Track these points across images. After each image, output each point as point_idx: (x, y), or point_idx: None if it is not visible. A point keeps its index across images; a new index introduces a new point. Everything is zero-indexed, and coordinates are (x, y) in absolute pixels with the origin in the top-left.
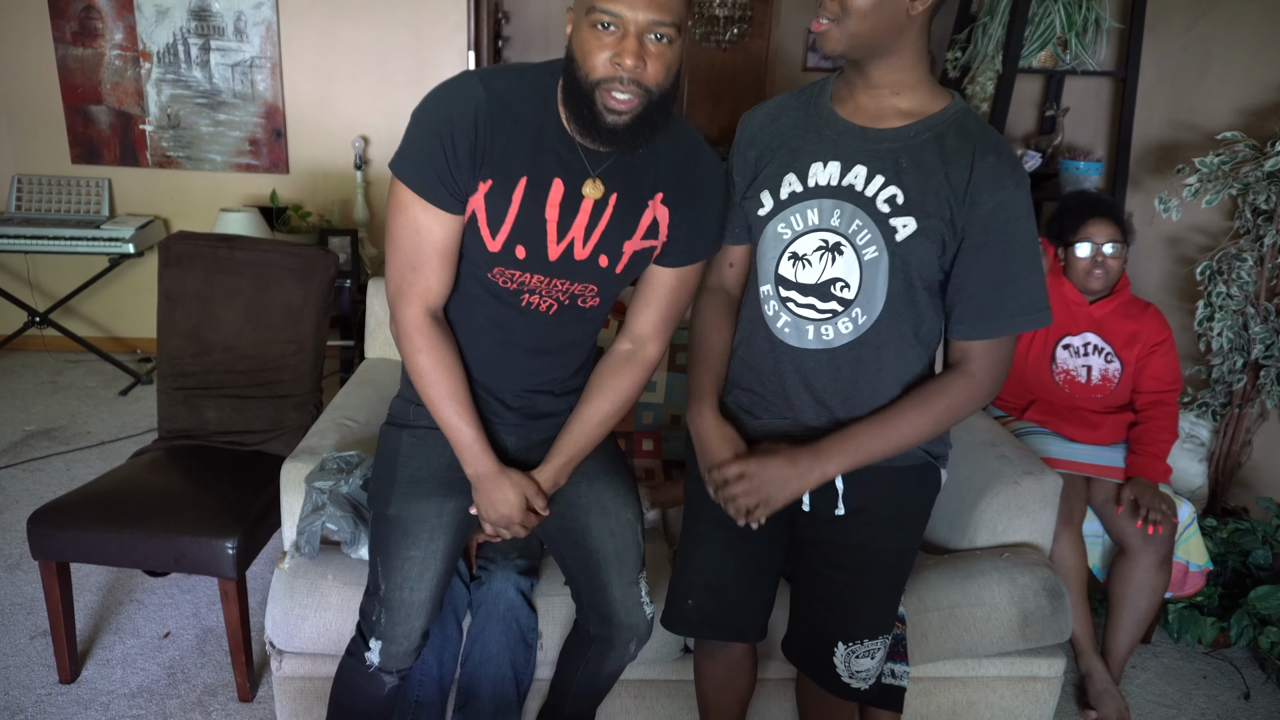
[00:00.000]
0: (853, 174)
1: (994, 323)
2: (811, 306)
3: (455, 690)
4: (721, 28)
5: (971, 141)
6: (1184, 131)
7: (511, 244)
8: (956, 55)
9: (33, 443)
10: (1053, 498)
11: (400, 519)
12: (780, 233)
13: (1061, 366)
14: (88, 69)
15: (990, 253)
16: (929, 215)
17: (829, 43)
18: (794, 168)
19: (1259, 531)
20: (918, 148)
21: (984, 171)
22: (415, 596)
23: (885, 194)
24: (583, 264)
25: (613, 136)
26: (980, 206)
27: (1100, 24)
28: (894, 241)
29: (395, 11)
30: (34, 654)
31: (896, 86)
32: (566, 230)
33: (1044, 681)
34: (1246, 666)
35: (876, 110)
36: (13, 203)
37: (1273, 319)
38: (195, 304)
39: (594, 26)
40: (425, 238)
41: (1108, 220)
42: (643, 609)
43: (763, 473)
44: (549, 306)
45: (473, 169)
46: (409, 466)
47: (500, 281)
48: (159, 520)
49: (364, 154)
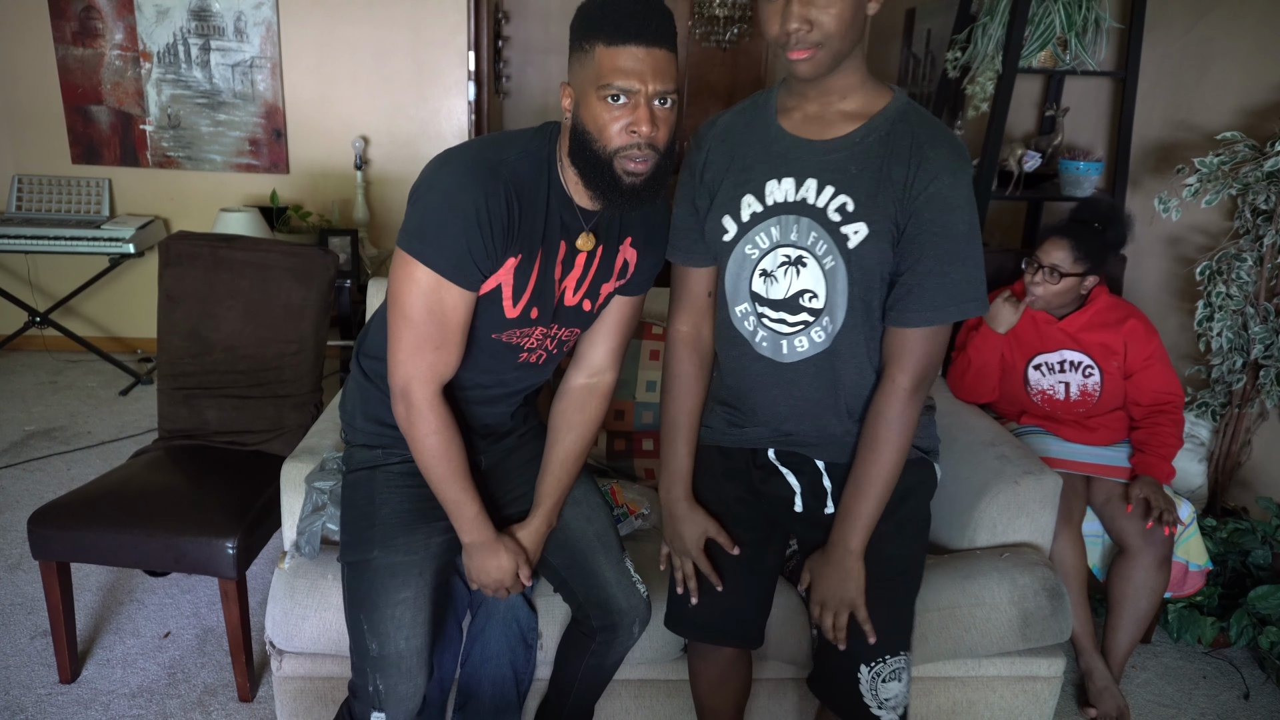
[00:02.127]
0: (805, 187)
1: (922, 311)
2: (783, 321)
3: (455, 690)
4: (721, 28)
5: (911, 136)
6: (1184, 131)
7: (529, 308)
8: (956, 55)
9: (33, 443)
10: (1053, 498)
11: (385, 562)
12: (748, 253)
13: (1036, 387)
14: (88, 69)
15: (924, 242)
16: (878, 218)
17: (814, 68)
18: (750, 188)
19: (1259, 531)
20: (864, 151)
21: (923, 165)
22: (412, 644)
23: (836, 203)
24: (572, 310)
25: (633, 197)
26: (918, 199)
27: (1100, 24)
28: (847, 249)
29: (395, 11)
30: (34, 654)
31: (844, 90)
32: (563, 282)
33: (1044, 681)
34: (1246, 666)
35: (824, 118)
36: (13, 203)
37: (1272, 319)
38: (195, 304)
39: (605, 100)
40: (450, 317)
41: (1065, 242)
42: (637, 588)
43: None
44: (539, 357)
45: (505, 248)
46: (388, 504)
47: (504, 339)
48: (159, 520)
49: (364, 154)
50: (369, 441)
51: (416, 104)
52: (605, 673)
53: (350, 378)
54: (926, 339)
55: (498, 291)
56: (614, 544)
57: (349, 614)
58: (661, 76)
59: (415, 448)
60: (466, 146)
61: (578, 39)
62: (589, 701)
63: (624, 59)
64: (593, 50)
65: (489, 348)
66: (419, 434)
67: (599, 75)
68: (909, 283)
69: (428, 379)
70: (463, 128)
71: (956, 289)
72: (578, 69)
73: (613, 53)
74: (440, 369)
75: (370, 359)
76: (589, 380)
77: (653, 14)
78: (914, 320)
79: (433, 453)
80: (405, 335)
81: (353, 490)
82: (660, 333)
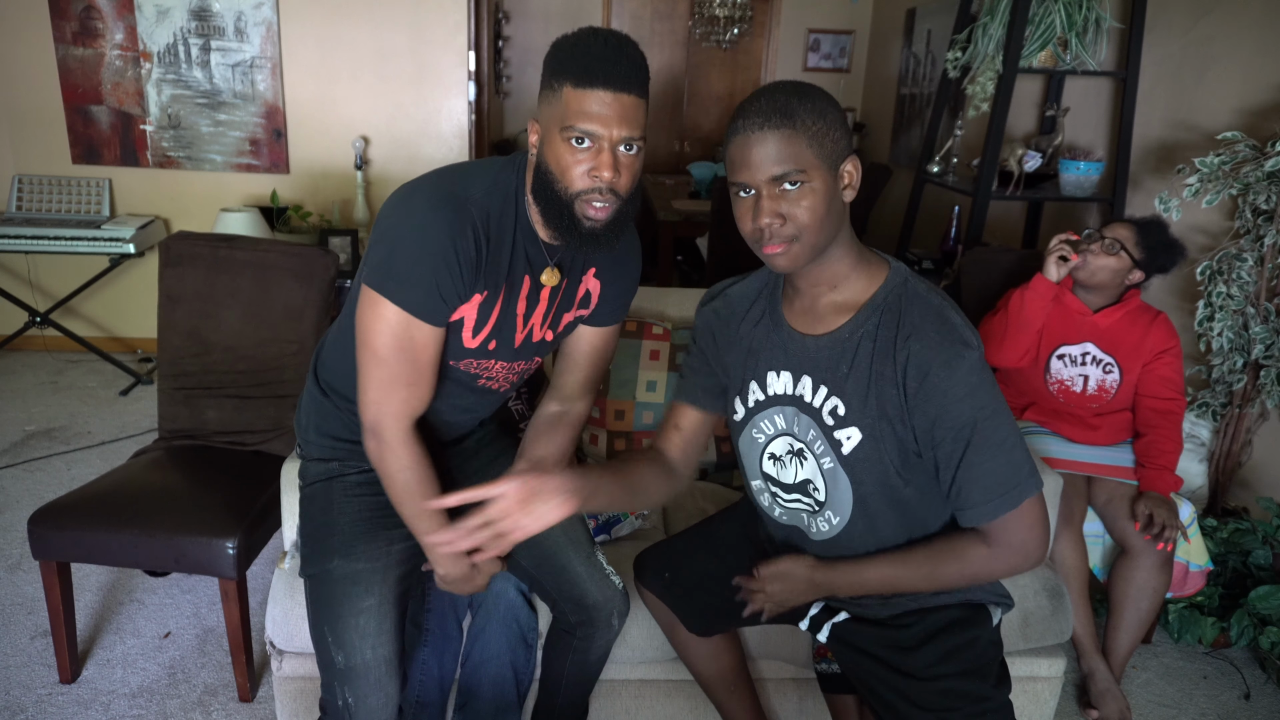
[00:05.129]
0: (801, 384)
1: (979, 507)
2: (798, 502)
3: (455, 690)
4: (721, 28)
5: (896, 328)
6: (1184, 131)
7: (487, 340)
8: (957, 55)
9: (33, 443)
10: (1053, 498)
11: (347, 570)
12: (755, 437)
13: (1056, 377)
14: (88, 69)
15: (941, 439)
16: (871, 420)
17: (792, 261)
18: (755, 376)
19: (1259, 531)
20: (853, 348)
21: (910, 361)
22: (379, 654)
23: (829, 405)
24: (538, 344)
25: (592, 241)
26: (914, 396)
27: (1100, 24)
28: (842, 454)
29: (395, 11)
30: (34, 654)
31: (833, 279)
32: (529, 319)
33: (1045, 681)
34: (1247, 666)
35: (815, 311)
36: (13, 203)
37: (1273, 319)
38: (195, 304)
39: (568, 141)
40: (421, 355)
41: (1132, 229)
42: (611, 580)
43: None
44: (500, 385)
45: (473, 284)
46: (347, 513)
47: (463, 367)
48: (159, 520)
49: (364, 154)
50: (324, 455)
51: (416, 104)
52: (591, 668)
53: (306, 392)
54: (1007, 525)
55: (459, 323)
56: (583, 539)
57: (313, 628)
58: (627, 123)
59: (388, 482)
60: (432, 180)
61: (548, 77)
62: (580, 698)
63: (590, 102)
64: (560, 90)
65: (449, 374)
66: (392, 469)
67: (564, 116)
68: (954, 483)
69: (400, 415)
70: (463, 128)
71: (999, 478)
72: (545, 107)
73: (579, 95)
74: (413, 405)
75: (328, 373)
76: (559, 408)
77: (622, 59)
78: (980, 519)
79: (407, 487)
80: (376, 373)
81: (310, 503)
82: (660, 333)
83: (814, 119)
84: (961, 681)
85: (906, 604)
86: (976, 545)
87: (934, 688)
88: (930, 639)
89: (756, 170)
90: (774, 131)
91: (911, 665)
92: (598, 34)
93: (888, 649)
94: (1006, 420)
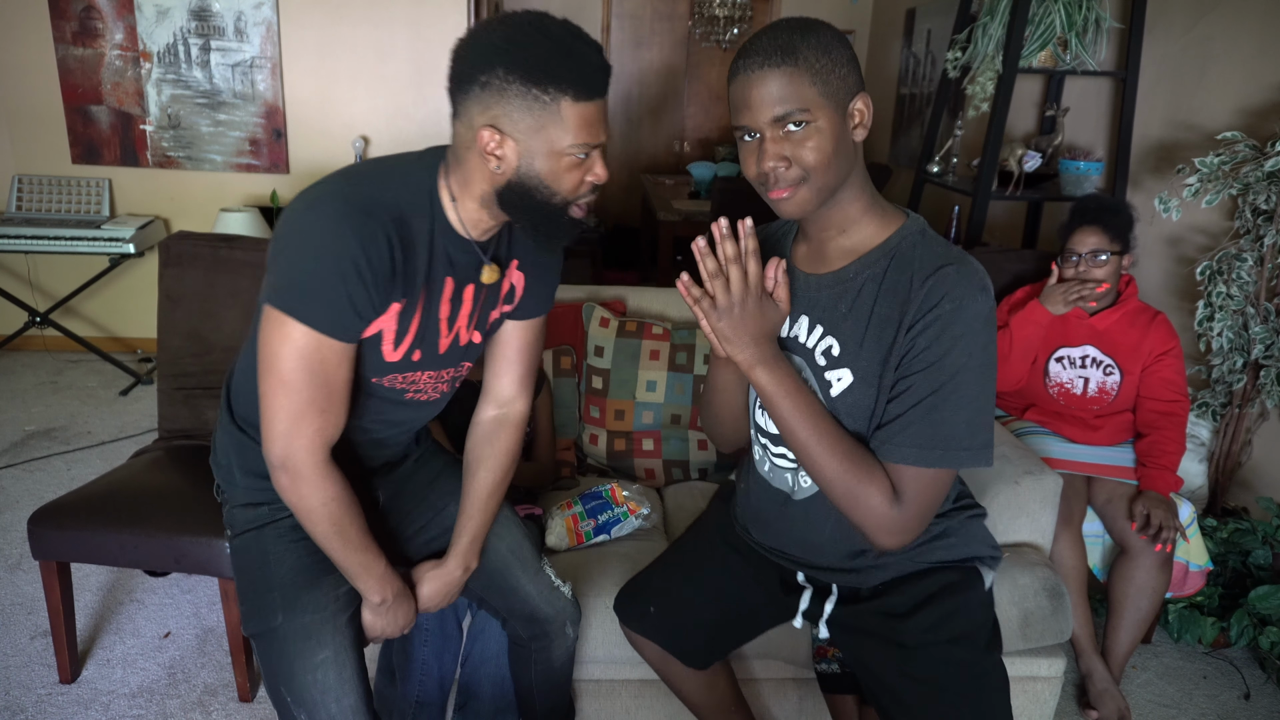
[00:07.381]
0: (798, 325)
1: (903, 448)
2: (783, 455)
3: (455, 690)
4: (721, 28)
5: (909, 271)
6: (1184, 131)
7: (410, 351)
8: (957, 55)
9: (33, 443)
10: (1053, 498)
11: (294, 625)
12: None
13: (1055, 380)
14: (88, 69)
15: (914, 370)
16: (864, 364)
17: (799, 207)
18: None
19: (1259, 531)
20: (856, 289)
21: (925, 292)
22: (344, 705)
23: (823, 345)
24: (465, 347)
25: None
26: (913, 328)
27: (1100, 24)
28: (830, 396)
29: (395, 11)
30: (34, 654)
31: (843, 224)
32: (454, 323)
33: (1044, 681)
34: (1246, 666)
35: (823, 253)
36: (13, 203)
37: (1273, 319)
38: (196, 304)
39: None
40: (334, 376)
41: (1095, 228)
42: (559, 592)
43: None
44: (429, 396)
45: (389, 295)
46: (285, 562)
47: (387, 384)
48: (159, 520)
49: (364, 154)
50: (252, 499)
51: (416, 104)
52: (559, 674)
53: (220, 430)
54: (919, 479)
55: (378, 337)
56: (529, 555)
57: (270, 690)
58: (607, 123)
59: (308, 520)
60: (334, 186)
61: (529, 85)
62: (560, 701)
63: (593, 115)
64: (556, 104)
65: (373, 391)
66: (310, 505)
67: (572, 133)
68: (894, 413)
69: (314, 446)
70: None
71: (946, 430)
72: (524, 117)
73: (583, 110)
74: (328, 432)
75: (244, 407)
76: (499, 412)
77: (607, 64)
78: (894, 455)
79: (331, 521)
80: (284, 403)
81: (242, 555)
82: (660, 333)
83: (818, 55)
84: (952, 649)
85: (893, 571)
86: (885, 486)
87: (925, 655)
88: (922, 605)
89: (758, 111)
90: (775, 70)
91: (904, 634)
92: (579, 36)
93: (881, 619)
94: (984, 381)
